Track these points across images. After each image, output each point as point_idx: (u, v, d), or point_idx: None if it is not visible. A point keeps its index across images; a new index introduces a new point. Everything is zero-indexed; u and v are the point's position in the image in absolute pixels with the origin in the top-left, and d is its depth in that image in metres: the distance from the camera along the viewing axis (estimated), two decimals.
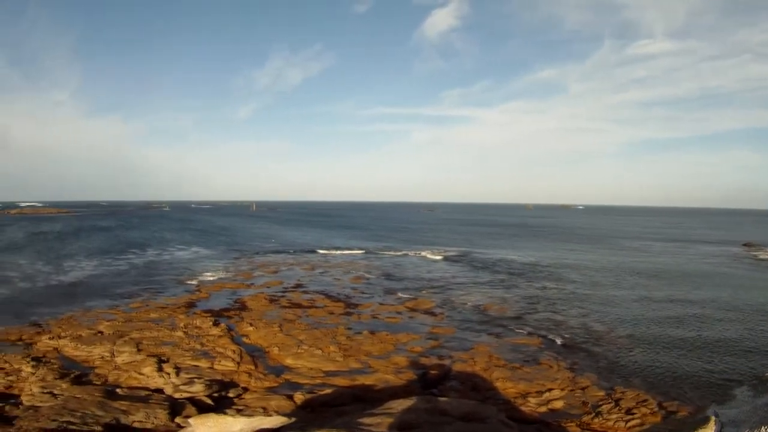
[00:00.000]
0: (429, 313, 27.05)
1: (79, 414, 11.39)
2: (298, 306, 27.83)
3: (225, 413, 11.99)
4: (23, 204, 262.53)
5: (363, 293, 32.12)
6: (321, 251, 55.57)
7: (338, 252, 55.00)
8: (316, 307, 27.59)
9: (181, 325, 22.90)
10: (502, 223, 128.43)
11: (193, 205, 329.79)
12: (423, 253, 53.88)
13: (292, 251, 55.93)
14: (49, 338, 20.61)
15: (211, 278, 37.63)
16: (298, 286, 34.39)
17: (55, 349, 19.43)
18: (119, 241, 69.82)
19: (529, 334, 23.11)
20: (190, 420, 11.45)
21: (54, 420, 10.95)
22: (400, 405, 10.75)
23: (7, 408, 12.16)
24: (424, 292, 32.88)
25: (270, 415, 11.77)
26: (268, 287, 33.72)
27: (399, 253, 53.75)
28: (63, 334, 21.26)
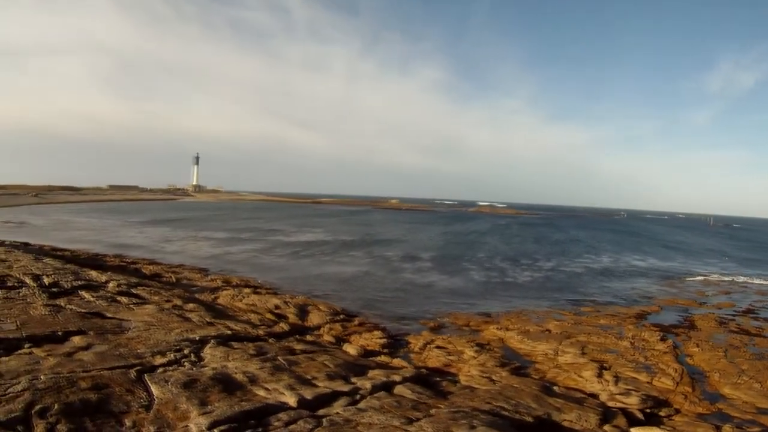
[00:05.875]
0: None
1: (513, 402, 11.65)
2: (746, 332, 23.78)
3: (664, 429, 11.20)
4: (481, 203, 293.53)
5: None
6: None
7: None
8: (763, 337, 23.26)
9: (629, 335, 21.83)
10: None
11: (648, 215, 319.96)
12: None
13: (742, 273, 48.64)
14: (497, 328, 21.96)
15: (663, 291, 35.21)
16: (749, 311, 29.54)
17: (500, 339, 20.61)
18: (575, 244, 71.89)
19: None
20: (632, 430, 11.12)
21: (488, 403, 11.38)
22: None
23: (444, 384, 13.16)
24: None
25: None
26: (719, 308, 29.94)
27: None
28: (511, 326, 22.41)
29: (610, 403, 13.66)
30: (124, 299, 18.81)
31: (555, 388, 14.17)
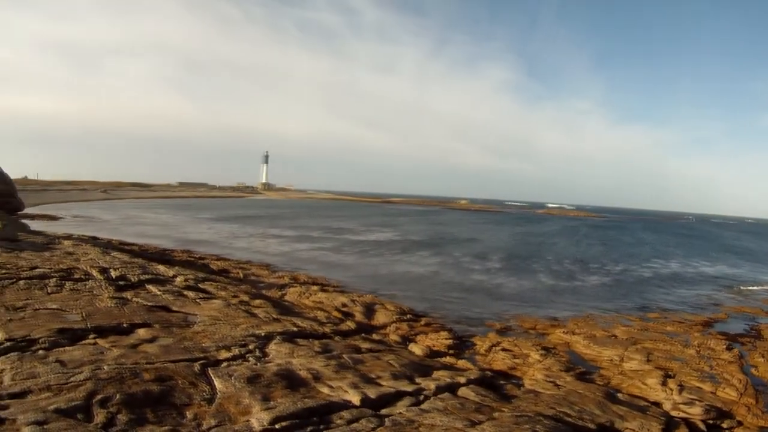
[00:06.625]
0: None
1: (577, 408, 11.83)
2: None
3: None
4: (550, 205, 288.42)
5: None
6: None
7: None
8: None
9: (695, 343, 21.60)
10: None
11: (715, 220, 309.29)
12: None
13: None
14: (563, 332, 22.17)
15: (730, 299, 34.72)
16: None
17: (567, 343, 20.84)
18: (642, 247, 70.75)
19: None
20: None
21: (552, 408, 11.59)
22: None
23: (508, 387, 13.37)
24: None
25: None
26: None
27: None
28: (577, 331, 22.57)
29: (674, 413, 13.76)
30: (190, 294, 19.19)
31: (619, 395, 14.33)
